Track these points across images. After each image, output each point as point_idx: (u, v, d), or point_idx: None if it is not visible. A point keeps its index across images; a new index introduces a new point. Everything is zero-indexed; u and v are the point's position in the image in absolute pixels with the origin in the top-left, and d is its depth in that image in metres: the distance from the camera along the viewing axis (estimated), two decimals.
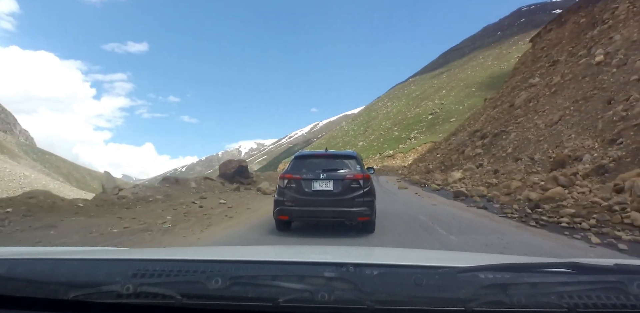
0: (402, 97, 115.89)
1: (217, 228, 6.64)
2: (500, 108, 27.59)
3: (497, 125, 23.69)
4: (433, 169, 29.08)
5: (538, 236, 5.81)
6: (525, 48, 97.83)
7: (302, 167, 5.78)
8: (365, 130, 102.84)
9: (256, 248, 2.54)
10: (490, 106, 32.85)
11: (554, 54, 24.52)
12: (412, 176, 28.72)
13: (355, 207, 5.45)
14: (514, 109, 22.51)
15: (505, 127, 21.42)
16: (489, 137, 22.44)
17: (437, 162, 31.63)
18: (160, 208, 9.34)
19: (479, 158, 21.79)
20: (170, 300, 0.79)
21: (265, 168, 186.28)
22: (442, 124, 70.41)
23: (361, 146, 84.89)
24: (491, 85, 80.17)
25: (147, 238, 5.70)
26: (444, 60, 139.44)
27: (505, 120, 22.49)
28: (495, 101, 32.63)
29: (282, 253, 1.64)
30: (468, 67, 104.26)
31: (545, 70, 23.68)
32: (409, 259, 1.36)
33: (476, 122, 33.05)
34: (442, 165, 27.97)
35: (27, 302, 0.84)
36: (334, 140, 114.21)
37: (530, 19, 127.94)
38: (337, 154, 6.31)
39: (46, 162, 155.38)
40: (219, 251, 1.71)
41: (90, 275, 0.88)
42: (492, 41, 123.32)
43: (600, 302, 0.77)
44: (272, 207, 5.93)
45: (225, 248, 2.54)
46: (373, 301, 0.77)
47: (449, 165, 25.80)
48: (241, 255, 1.38)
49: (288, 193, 5.61)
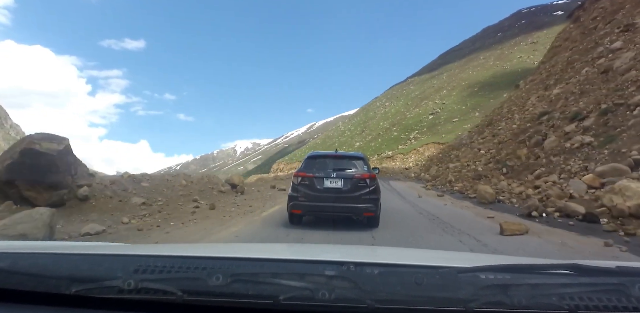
0: (401, 97, 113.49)
1: None
2: (575, 82, 18.69)
3: (591, 100, 15.96)
4: (486, 173, 17.41)
5: None
6: (527, 48, 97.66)
7: (314, 166, 6.34)
8: (362, 131, 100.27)
9: (257, 246, 2.52)
10: (536, 88, 24.54)
11: (621, 19, 20.86)
12: (441, 181, 21.01)
13: (362, 204, 6.01)
14: (618, 74, 15.59)
15: (621, 98, 13.68)
16: (593, 115, 13.28)
17: (486, 161, 19.99)
18: None
19: (596, 149, 11.24)
20: (171, 297, 0.80)
21: (260, 168, 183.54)
22: (443, 124, 67.65)
23: (358, 147, 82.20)
24: (494, 84, 78.20)
25: None
26: (443, 60, 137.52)
27: (610, 91, 14.53)
28: (543, 81, 24.30)
29: (283, 251, 1.67)
30: (469, 67, 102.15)
31: (615, 36, 19.79)
32: (409, 258, 1.37)
33: (524, 108, 23.14)
34: (501, 166, 16.29)
35: (29, 296, 0.85)
36: (329, 141, 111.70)
37: (532, 21, 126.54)
38: (346, 155, 6.85)
39: None
40: (221, 248, 1.78)
41: (92, 270, 0.88)
42: (492, 42, 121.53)
43: (602, 304, 0.76)
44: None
45: (226, 245, 2.65)
46: (373, 300, 0.77)
47: (522, 165, 14.64)
48: (242, 252, 1.40)
49: (301, 190, 6.18)
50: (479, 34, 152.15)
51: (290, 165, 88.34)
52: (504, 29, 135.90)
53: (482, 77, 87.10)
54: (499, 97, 71.76)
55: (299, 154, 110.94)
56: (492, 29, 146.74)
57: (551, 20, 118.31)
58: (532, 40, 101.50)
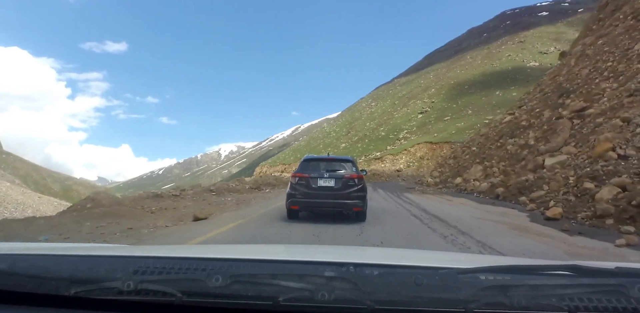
0: (387, 97, 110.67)
1: None
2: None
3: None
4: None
5: None
6: (515, 47, 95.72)
7: (309, 168, 7.15)
8: (348, 132, 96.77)
9: (257, 247, 2.53)
10: (582, 60, 19.15)
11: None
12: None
13: (351, 200, 6.81)
14: None
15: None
16: None
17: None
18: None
19: None
20: (171, 298, 0.80)
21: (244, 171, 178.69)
22: (434, 123, 64.46)
23: (344, 148, 78.53)
24: (485, 82, 76.26)
25: None
26: (429, 61, 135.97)
27: None
28: (595, 55, 18.32)
29: (282, 252, 1.67)
30: (456, 67, 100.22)
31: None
32: (409, 259, 1.37)
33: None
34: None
35: (28, 297, 0.85)
36: (314, 142, 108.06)
37: (517, 21, 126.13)
38: (337, 158, 7.67)
39: (2, 162, 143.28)
40: (220, 249, 1.79)
41: (92, 272, 0.88)
42: (478, 42, 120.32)
43: (601, 305, 0.76)
44: None
45: (225, 247, 2.66)
46: (373, 301, 0.77)
47: None
48: (242, 253, 1.41)
49: (298, 188, 6.95)
50: (464, 35, 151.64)
51: (274, 169, 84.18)
52: (489, 29, 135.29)
53: (472, 76, 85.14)
54: (490, 94, 69.36)
55: (282, 156, 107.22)
56: (477, 30, 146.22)
57: (537, 20, 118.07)
58: (519, 40, 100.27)
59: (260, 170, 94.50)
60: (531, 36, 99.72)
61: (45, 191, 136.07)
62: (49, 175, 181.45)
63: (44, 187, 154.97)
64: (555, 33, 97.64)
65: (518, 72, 77.03)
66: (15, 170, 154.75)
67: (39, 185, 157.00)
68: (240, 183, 21.23)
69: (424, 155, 49.77)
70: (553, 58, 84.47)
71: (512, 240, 5.75)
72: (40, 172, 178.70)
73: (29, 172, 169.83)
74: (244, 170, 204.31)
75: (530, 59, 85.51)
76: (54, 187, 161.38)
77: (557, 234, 6.18)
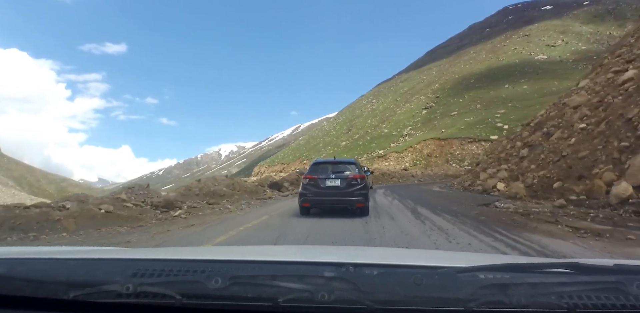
0: (389, 93, 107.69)
1: None
2: None
3: None
4: None
5: None
6: (520, 41, 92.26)
7: (318, 170, 8.08)
8: (348, 130, 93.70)
9: (256, 248, 2.49)
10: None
11: None
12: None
13: (354, 197, 7.64)
14: None
15: None
16: None
17: None
18: None
19: None
20: (170, 300, 0.80)
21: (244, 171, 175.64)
22: (440, 119, 61.31)
23: (344, 146, 75.47)
24: (492, 76, 73.42)
25: None
26: (430, 57, 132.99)
27: None
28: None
29: (281, 253, 1.67)
30: (460, 62, 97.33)
31: None
32: (408, 259, 1.38)
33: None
34: None
35: (27, 301, 0.84)
36: (314, 141, 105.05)
37: (519, 16, 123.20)
38: (342, 161, 8.76)
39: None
40: (219, 251, 1.81)
41: (90, 275, 0.88)
42: (481, 37, 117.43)
43: (600, 303, 0.77)
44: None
45: (225, 248, 2.71)
46: (373, 301, 0.77)
47: None
48: (241, 254, 1.40)
49: (309, 188, 7.86)
50: (466, 31, 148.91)
51: (272, 168, 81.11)
52: (491, 25, 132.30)
53: (477, 70, 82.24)
54: (499, 88, 66.25)
55: (281, 156, 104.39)
56: (478, 26, 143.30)
57: (540, 14, 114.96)
58: (524, 33, 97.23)
59: (258, 170, 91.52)
60: (536, 30, 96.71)
61: (40, 193, 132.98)
62: (44, 176, 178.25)
63: (39, 188, 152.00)
64: (562, 26, 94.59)
65: (526, 65, 74.16)
66: (9, 172, 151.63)
67: (33, 187, 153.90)
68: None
69: (431, 152, 46.53)
70: (561, 50, 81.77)
71: None
72: (34, 174, 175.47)
73: (23, 174, 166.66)
74: (243, 170, 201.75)
75: (538, 52, 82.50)
76: (48, 189, 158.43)
77: None
